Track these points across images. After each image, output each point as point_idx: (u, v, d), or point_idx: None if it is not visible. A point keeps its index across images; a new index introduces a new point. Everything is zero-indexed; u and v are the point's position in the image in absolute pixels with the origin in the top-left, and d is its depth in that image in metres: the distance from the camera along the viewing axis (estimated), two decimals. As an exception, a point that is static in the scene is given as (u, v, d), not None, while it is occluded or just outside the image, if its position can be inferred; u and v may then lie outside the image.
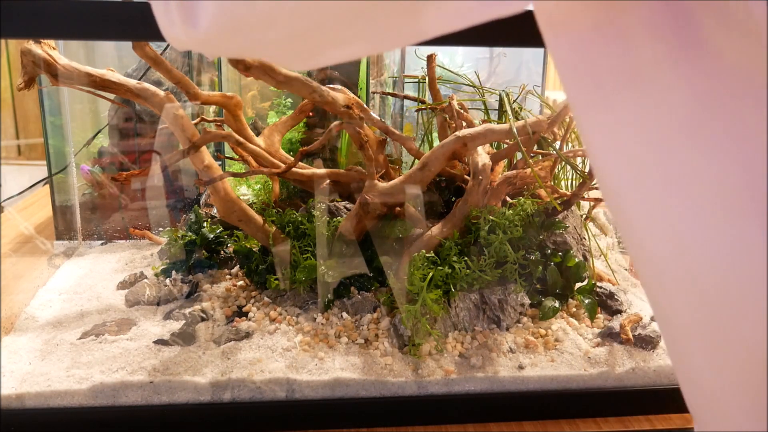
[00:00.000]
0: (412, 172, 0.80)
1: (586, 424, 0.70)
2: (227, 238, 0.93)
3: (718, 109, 0.25)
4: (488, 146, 0.89)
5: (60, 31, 0.50)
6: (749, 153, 0.24)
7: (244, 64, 0.67)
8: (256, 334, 0.74)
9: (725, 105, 0.25)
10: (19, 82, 0.75)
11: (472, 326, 0.76)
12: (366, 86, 1.04)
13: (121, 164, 1.06)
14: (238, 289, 0.84)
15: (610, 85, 0.28)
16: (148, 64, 0.80)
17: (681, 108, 0.26)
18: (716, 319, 0.27)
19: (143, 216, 1.07)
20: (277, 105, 1.10)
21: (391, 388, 0.69)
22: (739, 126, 0.25)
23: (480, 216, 0.78)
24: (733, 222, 0.25)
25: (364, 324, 0.76)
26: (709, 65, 0.25)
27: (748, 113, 0.24)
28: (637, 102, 0.28)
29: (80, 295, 0.86)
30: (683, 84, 0.26)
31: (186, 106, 0.91)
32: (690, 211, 0.26)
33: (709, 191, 0.26)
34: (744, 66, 0.24)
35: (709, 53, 0.25)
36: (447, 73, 1.04)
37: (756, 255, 0.24)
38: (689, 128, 0.26)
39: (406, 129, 1.03)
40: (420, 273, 0.74)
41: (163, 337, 0.74)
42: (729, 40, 0.24)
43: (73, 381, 0.66)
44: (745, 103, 0.24)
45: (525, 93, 0.97)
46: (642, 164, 0.28)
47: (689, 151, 0.26)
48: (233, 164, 1.00)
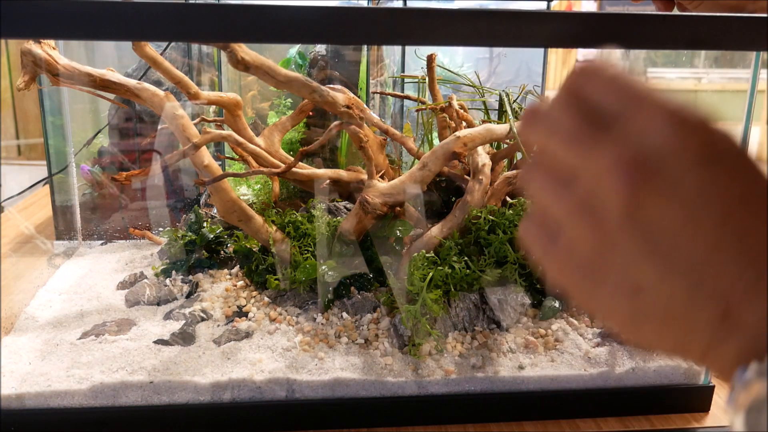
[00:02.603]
0: (412, 172, 0.80)
1: (586, 424, 0.70)
2: (227, 238, 0.93)
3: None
4: (488, 146, 0.89)
5: (60, 31, 0.50)
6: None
7: (244, 64, 0.67)
8: (256, 334, 0.74)
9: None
10: (19, 82, 0.75)
11: (472, 326, 0.76)
12: (366, 86, 1.04)
13: (121, 164, 1.06)
14: (238, 289, 0.84)
15: None
16: (148, 64, 0.80)
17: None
18: None
19: (143, 216, 1.07)
20: (277, 105, 1.10)
21: (391, 388, 0.69)
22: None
23: (480, 216, 0.78)
24: None
25: (364, 324, 0.76)
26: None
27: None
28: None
29: (80, 295, 0.86)
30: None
31: (186, 106, 0.91)
32: None
33: None
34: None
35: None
36: (447, 73, 1.04)
37: None
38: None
39: (405, 129, 1.03)
40: (420, 273, 0.74)
41: (163, 337, 0.74)
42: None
43: (73, 381, 0.66)
44: None
45: (525, 93, 0.97)
46: None
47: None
48: (233, 164, 1.00)
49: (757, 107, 0.71)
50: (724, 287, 0.25)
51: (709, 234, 0.26)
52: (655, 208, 0.26)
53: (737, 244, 0.25)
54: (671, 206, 0.26)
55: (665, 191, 0.26)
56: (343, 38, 0.63)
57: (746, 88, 0.71)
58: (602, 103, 0.29)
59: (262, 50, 0.71)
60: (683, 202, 0.26)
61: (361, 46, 1.04)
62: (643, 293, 0.27)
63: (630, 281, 0.27)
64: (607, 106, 0.28)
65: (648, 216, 0.26)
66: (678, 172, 0.26)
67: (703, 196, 0.26)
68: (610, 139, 0.27)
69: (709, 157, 0.26)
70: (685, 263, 0.26)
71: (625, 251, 0.27)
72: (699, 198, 0.26)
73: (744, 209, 0.26)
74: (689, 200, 0.26)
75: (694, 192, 0.26)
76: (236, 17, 0.49)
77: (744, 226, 0.25)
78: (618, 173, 0.26)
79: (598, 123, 0.28)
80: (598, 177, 0.27)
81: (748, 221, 0.25)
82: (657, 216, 0.26)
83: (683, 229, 0.26)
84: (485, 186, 0.82)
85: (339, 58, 1.06)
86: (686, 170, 0.26)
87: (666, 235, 0.26)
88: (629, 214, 0.27)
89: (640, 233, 0.27)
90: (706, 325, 0.26)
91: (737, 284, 0.25)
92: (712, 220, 0.26)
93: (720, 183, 0.26)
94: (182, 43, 1.02)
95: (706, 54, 4.70)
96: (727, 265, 0.25)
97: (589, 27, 0.51)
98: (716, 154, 0.26)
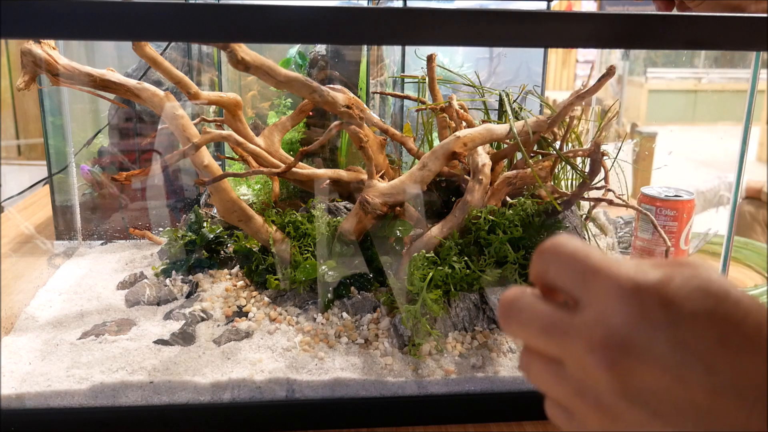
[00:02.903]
0: (412, 172, 0.80)
1: (586, 424, 0.70)
2: (227, 238, 0.93)
3: None
4: (488, 146, 0.89)
5: (60, 31, 0.50)
6: None
7: (244, 64, 0.67)
8: (256, 334, 0.74)
9: None
10: (19, 82, 0.75)
11: (472, 326, 0.76)
12: (366, 86, 1.04)
13: (121, 164, 1.06)
14: (238, 289, 0.84)
15: None
16: (148, 64, 0.80)
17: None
18: None
19: (143, 216, 1.07)
20: (277, 105, 1.10)
21: (391, 388, 0.69)
22: None
23: (480, 216, 0.78)
24: None
25: (364, 324, 0.76)
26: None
27: None
28: None
29: (80, 295, 0.86)
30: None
31: (186, 106, 0.91)
32: None
33: None
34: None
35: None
36: (447, 73, 1.04)
37: None
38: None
39: (405, 129, 1.03)
40: (420, 273, 0.74)
41: (163, 337, 0.74)
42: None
43: (73, 381, 0.66)
44: None
45: (525, 93, 0.97)
46: None
47: None
48: (233, 164, 1.00)
49: (757, 107, 0.71)
50: (739, 423, 0.26)
51: (702, 383, 0.26)
52: (640, 377, 0.27)
53: (734, 387, 0.26)
54: (654, 371, 0.27)
55: (643, 359, 0.27)
56: (343, 38, 0.63)
57: (746, 88, 0.71)
58: (565, 285, 0.30)
59: (262, 50, 0.70)
60: (663, 364, 0.27)
61: (361, 46, 1.04)
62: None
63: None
64: (569, 288, 0.30)
65: (636, 386, 0.27)
66: (647, 338, 0.27)
67: (679, 352, 0.26)
68: (578, 324, 0.29)
69: (672, 315, 0.27)
70: (691, 413, 0.27)
71: (630, 423, 0.28)
72: (675, 354, 0.26)
73: (725, 351, 0.26)
74: (668, 359, 0.27)
75: (668, 351, 0.27)
76: (236, 17, 0.49)
77: (733, 367, 0.26)
78: (594, 357, 0.28)
79: (567, 306, 0.30)
80: (579, 363, 0.29)
81: (734, 361, 0.26)
82: (645, 383, 0.27)
83: (675, 386, 0.27)
84: (485, 186, 0.82)
85: (339, 58, 1.06)
86: (654, 333, 0.27)
87: (661, 397, 0.27)
88: (619, 390, 0.28)
89: (637, 403, 0.27)
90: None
91: (750, 419, 0.26)
92: (698, 371, 0.26)
93: (691, 335, 0.26)
94: (182, 43, 1.02)
95: (706, 54, 4.70)
96: (731, 408, 0.26)
97: (589, 27, 0.51)
98: (678, 310, 0.27)
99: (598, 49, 3.75)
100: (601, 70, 0.79)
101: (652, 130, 1.96)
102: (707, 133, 3.00)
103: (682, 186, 0.98)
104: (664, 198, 0.94)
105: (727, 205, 0.88)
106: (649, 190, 0.96)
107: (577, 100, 0.79)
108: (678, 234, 0.94)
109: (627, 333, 0.27)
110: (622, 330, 0.27)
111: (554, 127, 0.85)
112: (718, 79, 5.02)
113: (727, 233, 0.80)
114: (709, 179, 2.18)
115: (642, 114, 5.23)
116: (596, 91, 0.78)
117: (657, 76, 5.29)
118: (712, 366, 0.26)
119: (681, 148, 1.40)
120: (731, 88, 4.67)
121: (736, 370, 0.26)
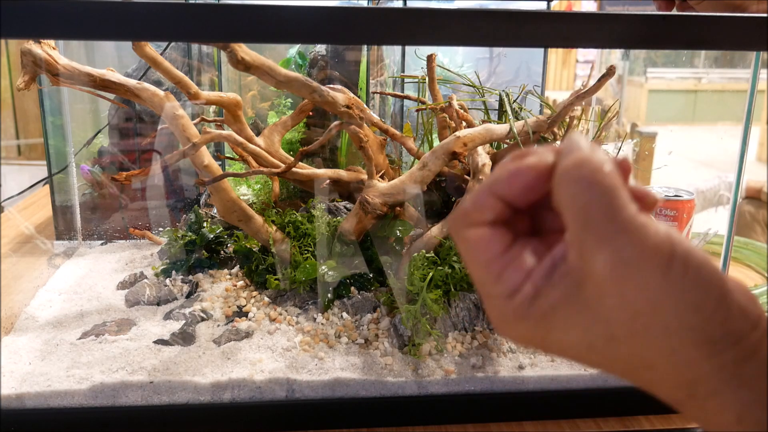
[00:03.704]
0: (412, 172, 0.80)
1: (586, 424, 0.70)
2: (227, 238, 0.93)
3: None
4: (488, 146, 0.89)
5: (60, 31, 0.50)
6: None
7: (244, 64, 0.67)
8: (256, 334, 0.74)
9: None
10: (19, 82, 0.75)
11: (472, 326, 0.76)
12: (366, 86, 1.04)
13: (121, 164, 1.06)
14: (238, 289, 0.84)
15: None
16: (148, 64, 0.80)
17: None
18: None
19: (143, 216, 1.07)
20: (277, 105, 1.10)
21: (391, 388, 0.69)
22: None
23: (480, 216, 0.78)
24: None
25: (364, 324, 0.76)
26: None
27: None
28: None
29: (80, 295, 0.86)
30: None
31: (186, 106, 0.91)
32: None
33: None
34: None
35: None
36: (447, 73, 1.04)
37: None
38: None
39: (405, 129, 1.03)
40: (420, 273, 0.74)
41: (163, 337, 0.74)
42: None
43: (73, 381, 0.66)
44: None
45: (525, 93, 0.97)
46: None
47: None
48: (233, 164, 1.00)
49: (757, 107, 0.71)
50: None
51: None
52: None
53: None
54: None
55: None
56: (343, 38, 0.63)
57: (746, 88, 0.71)
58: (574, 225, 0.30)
59: (262, 50, 0.70)
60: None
61: (361, 46, 1.04)
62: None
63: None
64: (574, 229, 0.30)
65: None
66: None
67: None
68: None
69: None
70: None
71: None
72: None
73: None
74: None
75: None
76: (236, 17, 0.49)
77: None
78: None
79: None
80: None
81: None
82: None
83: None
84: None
85: (339, 58, 1.06)
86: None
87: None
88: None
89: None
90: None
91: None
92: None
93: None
94: (182, 43, 1.02)
95: (706, 54, 4.70)
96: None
97: (589, 27, 0.51)
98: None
99: (598, 49, 3.75)
100: (601, 70, 0.79)
101: (652, 130, 1.96)
102: (707, 133, 3.00)
103: (682, 186, 0.98)
104: (664, 198, 0.94)
105: (727, 205, 0.88)
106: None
107: (577, 100, 0.79)
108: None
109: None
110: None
111: (554, 127, 0.85)
112: (718, 79, 5.03)
113: (727, 233, 0.80)
114: (709, 179, 2.18)
115: (642, 114, 5.23)
116: (596, 91, 0.78)
117: (657, 76, 5.29)
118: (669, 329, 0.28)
119: (681, 148, 1.40)
120: (731, 88, 4.67)
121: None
